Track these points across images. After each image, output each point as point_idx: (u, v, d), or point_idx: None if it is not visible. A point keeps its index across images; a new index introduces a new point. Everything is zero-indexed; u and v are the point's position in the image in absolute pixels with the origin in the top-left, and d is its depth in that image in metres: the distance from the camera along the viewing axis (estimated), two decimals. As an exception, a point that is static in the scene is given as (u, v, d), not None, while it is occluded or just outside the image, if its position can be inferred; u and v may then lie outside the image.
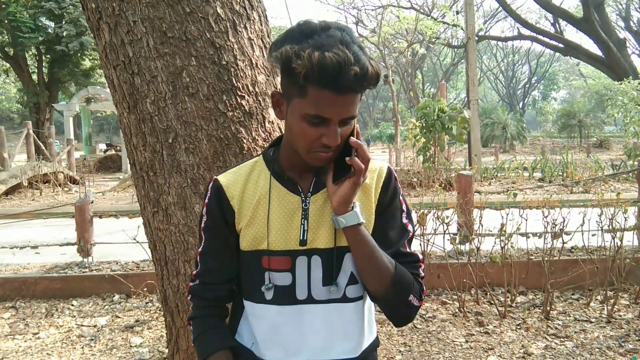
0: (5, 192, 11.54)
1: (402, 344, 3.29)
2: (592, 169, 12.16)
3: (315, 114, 1.00)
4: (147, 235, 1.97)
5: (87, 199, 5.25)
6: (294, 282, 1.14)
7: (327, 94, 0.98)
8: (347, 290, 1.16)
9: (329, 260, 1.14)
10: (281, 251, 1.13)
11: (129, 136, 1.85)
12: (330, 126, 1.02)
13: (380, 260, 1.10)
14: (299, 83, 0.99)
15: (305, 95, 1.00)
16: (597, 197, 4.04)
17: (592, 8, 20.80)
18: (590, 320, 3.57)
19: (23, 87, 20.95)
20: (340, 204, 1.08)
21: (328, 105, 0.99)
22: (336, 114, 1.01)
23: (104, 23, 1.75)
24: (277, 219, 1.14)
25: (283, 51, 1.00)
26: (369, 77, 0.99)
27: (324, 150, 1.05)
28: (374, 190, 1.17)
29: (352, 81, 0.97)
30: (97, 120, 45.85)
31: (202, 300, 1.22)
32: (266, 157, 1.20)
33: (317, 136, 1.03)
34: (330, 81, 0.96)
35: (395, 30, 25.92)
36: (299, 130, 1.04)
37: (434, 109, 10.30)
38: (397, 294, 1.12)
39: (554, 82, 58.58)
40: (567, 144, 24.40)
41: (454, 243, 4.09)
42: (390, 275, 1.10)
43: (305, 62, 0.96)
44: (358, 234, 1.09)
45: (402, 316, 1.18)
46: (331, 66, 0.95)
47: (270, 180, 1.16)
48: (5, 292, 4.42)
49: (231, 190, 1.16)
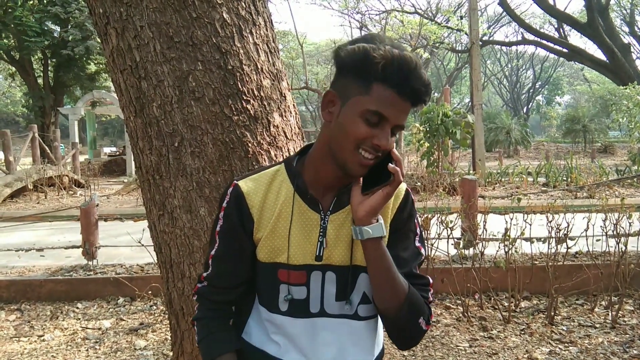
0: (11, 195, 11.59)
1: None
2: (597, 174, 12.11)
3: (375, 110, 1.02)
4: (153, 238, 1.98)
5: (92, 202, 5.28)
6: (308, 295, 1.15)
7: (392, 95, 1.01)
8: (359, 309, 1.17)
9: (343, 277, 1.14)
10: (298, 265, 1.14)
11: (135, 140, 1.87)
12: (385, 128, 1.04)
13: (397, 277, 1.10)
14: (367, 79, 1.02)
15: (369, 93, 1.02)
16: (602, 202, 4.04)
17: (597, 13, 20.79)
18: (594, 325, 3.56)
19: (29, 90, 21.09)
20: (368, 214, 1.07)
21: (390, 105, 1.02)
22: (395, 116, 1.03)
23: (111, 28, 1.77)
24: (296, 233, 1.14)
25: (360, 46, 1.02)
26: (429, 89, 1.03)
27: (371, 150, 1.04)
28: (391, 208, 1.17)
29: (420, 86, 1.01)
30: (101, 124, 46.01)
31: (209, 302, 1.23)
32: (289, 168, 1.18)
33: (370, 135, 1.03)
34: (401, 81, 1.00)
35: (399, 35, 25.94)
36: (352, 128, 1.04)
37: (437, 114, 10.30)
38: (409, 315, 1.12)
39: (558, 87, 58.46)
40: (572, 149, 24.35)
41: (457, 248, 4.09)
42: (404, 294, 1.10)
43: (386, 54, 0.99)
44: (379, 248, 1.09)
45: (410, 338, 1.17)
46: (407, 65, 0.99)
47: (294, 195, 1.15)
48: (10, 294, 4.44)
49: (252, 198, 1.16)
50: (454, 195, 9.45)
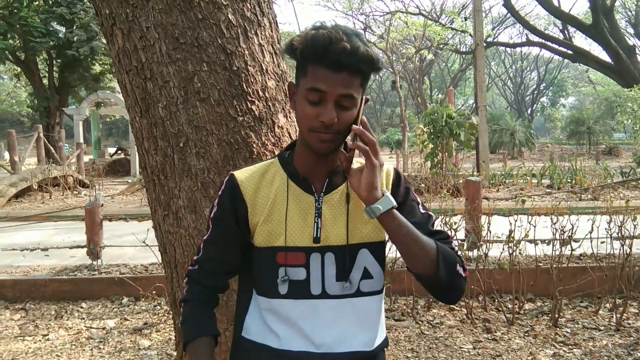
0: (16, 195, 11.63)
1: (410, 350, 3.29)
2: (601, 176, 12.07)
3: (311, 87, 1.08)
4: (158, 238, 1.99)
5: (97, 202, 5.30)
6: (308, 277, 1.17)
7: (322, 70, 1.07)
8: (360, 284, 1.19)
9: (342, 257, 1.17)
10: (296, 247, 1.17)
11: (141, 140, 1.88)
12: (327, 104, 1.08)
13: (421, 238, 1.12)
14: (303, 64, 1.10)
15: (306, 74, 1.10)
16: (606, 204, 4.02)
17: (601, 14, 20.72)
18: (599, 328, 3.55)
19: (34, 91, 21.17)
20: (369, 191, 1.10)
21: (323, 79, 1.07)
22: (331, 87, 1.07)
23: (117, 29, 1.78)
24: (293, 217, 1.18)
25: (288, 40, 1.12)
26: (359, 55, 1.05)
27: (322, 129, 1.09)
28: (387, 189, 1.21)
29: (341, 55, 1.04)
30: (106, 125, 46.16)
31: (197, 286, 1.27)
32: (282, 159, 1.25)
33: (315, 114, 1.09)
34: (322, 55, 1.06)
35: (403, 36, 25.95)
36: (301, 111, 1.12)
37: (442, 115, 10.29)
38: (447, 267, 1.13)
39: (563, 88, 58.25)
40: (576, 151, 24.28)
41: (461, 249, 4.08)
42: (435, 251, 1.12)
43: (302, 39, 1.08)
44: (395, 218, 1.11)
45: (455, 289, 1.17)
46: (322, 40, 1.05)
47: (287, 181, 1.20)
48: (15, 293, 4.46)
49: (245, 185, 1.21)
50: (458, 196, 9.44)
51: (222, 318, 1.84)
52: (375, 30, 28.57)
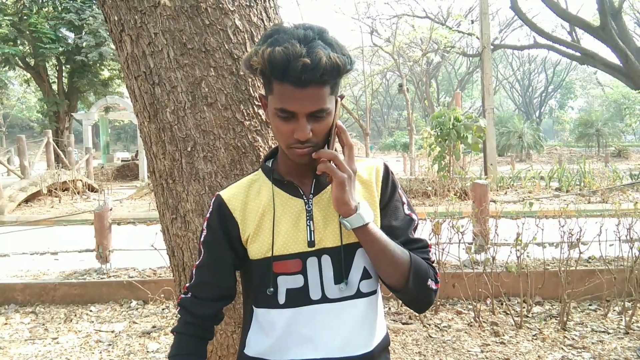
0: (25, 199, 11.74)
1: (417, 353, 3.28)
2: (610, 178, 11.99)
3: (280, 107, 1.04)
4: (166, 241, 2.01)
5: (106, 206, 5.34)
6: (306, 283, 1.14)
7: (288, 88, 1.02)
8: (360, 285, 1.17)
9: (338, 259, 1.15)
10: (291, 254, 1.14)
11: (149, 145, 1.90)
12: (300, 120, 1.04)
13: (395, 253, 1.11)
14: (267, 81, 1.06)
15: (272, 91, 1.05)
16: (615, 206, 4.00)
17: (610, 16, 20.60)
18: (607, 331, 3.53)
19: (43, 96, 21.38)
20: (338, 206, 1.08)
21: (290, 98, 1.03)
22: (300, 107, 1.03)
23: (126, 35, 1.80)
24: (283, 223, 1.16)
25: (247, 55, 1.06)
26: (322, 67, 0.99)
27: (298, 145, 1.07)
28: (375, 185, 1.20)
29: (303, 72, 0.99)
30: (114, 129, 46.48)
31: (189, 316, 1.22)
32: (265, 169, 1.23)
33: (289, 131, 1.06)
34: (282, 74, 1.00)
35: (410, 39, 25.92)
36: (274, 127, 1.09)
37: (449, 118, 10.27)
38: (417, 283, 1.13)
39: (571, 90, 57.95)
40: (585, 153, 24.12)
41: (469, 252, 4.07)
42: (407, 266, 1.12)
43: (258, 59, 1.01)
44: (368, 234, 1.09)
45: (424, 302, 1.19)
46: (279, 59, 0.98)
47: (272, 188, 1.18)
48: (25, 297, 4.51)
49: (233, 202, 1.19)
50: (466, 199, 9.41)
51: (230, 321, 1.86)
52: (381, 34, 28.62)
